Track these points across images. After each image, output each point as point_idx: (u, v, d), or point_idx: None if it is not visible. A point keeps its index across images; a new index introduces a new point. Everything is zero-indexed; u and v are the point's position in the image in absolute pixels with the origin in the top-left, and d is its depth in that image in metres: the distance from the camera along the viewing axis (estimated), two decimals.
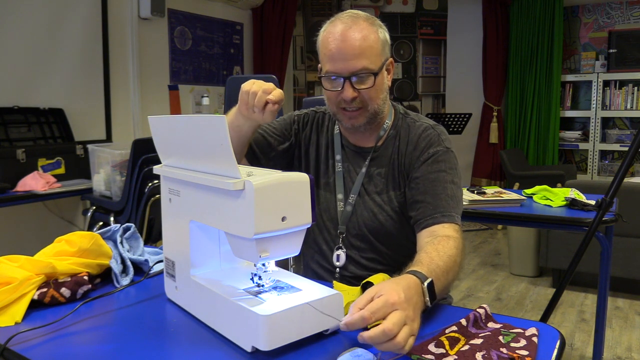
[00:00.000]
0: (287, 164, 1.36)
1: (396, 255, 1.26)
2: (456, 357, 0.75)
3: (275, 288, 0.88)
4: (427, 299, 0.87)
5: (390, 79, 1.25)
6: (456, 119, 4.35)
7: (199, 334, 0.86)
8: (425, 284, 0.87)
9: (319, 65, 1.24)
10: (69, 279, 1.02)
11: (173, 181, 0.96)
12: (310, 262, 1.35)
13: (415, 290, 0.84)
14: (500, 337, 0.81)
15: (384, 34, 1.20)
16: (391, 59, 1.23)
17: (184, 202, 0.93)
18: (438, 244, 1.04)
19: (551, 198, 2.12)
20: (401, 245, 1.26)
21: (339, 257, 1.27)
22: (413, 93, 5.10)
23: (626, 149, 4.02)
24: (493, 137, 5.25)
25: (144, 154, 2.67)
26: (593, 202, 1.90)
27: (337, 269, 1.27)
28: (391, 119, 1.29)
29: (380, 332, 0.73)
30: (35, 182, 2.66)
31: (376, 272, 1.25)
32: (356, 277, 1.26)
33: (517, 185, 3.88)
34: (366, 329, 0.75)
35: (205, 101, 4.37)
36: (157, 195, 2.68)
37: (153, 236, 2.87)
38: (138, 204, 2.72)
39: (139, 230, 2.12)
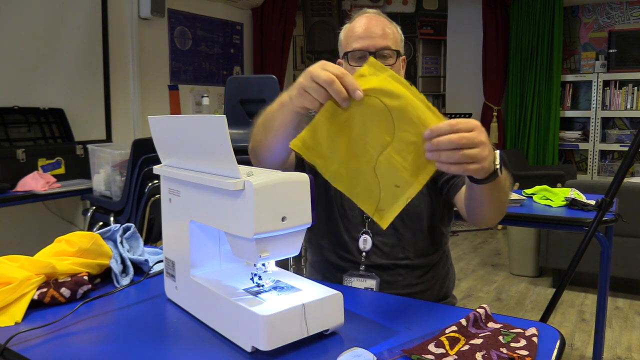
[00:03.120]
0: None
1: (418, 241, 1.28)
2: (456, 357, 0.75)
3: (275, 288, 0.88)
4: (498, 162, 0.93)
5: (403, 75, 1.31)
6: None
7: (199, 334, 0.86)
8: (497, 152, 0.95)
9: (339, 60, 1.32)
10: (69, 279, 1.02)
11: (173, 181, 0.96)
12: (329, 255, 1.34)
13: None
14: (500, 337, 0.81)
15: (400, 32, 1.33)
16: (404, 57, 1.33)
17: (184, 202, 0.93)
18: None
19: (551, 198, 2.12)
20: (423, 230, 1.28)
21: (366, 240, 1.28)
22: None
23: (626, 149, 4.02)
24: (493, 137, 5.26)
25: (144, 154, 2.67)
26: (593, 202, 1.90)
27: (363, 254, 1.28)
28: None
29: (446, 123, 0.83)
30: (35, 182, 2.66)
31: (397, 260, 1.28)
32: (377, 266, 1.27)
33: (517, 185, 3.87)
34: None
35: (205, 101, 4.38)
36: (157, 195, 2.68)
37: (153, 236, 2.87)
38: (138, 204, 2.72)
39: (139, 230, 2.12)
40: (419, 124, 0.85)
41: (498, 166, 0.94)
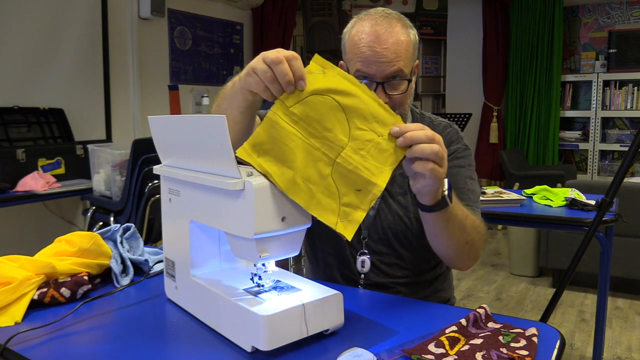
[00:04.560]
0: None
1: (417, 259, 1.24)
2: (456, 357, 0.75)
3: (275, 288, 0.88)
4: (446, 187, 0.94)
5: (415, 81, 1.19)
6: (456, 119, 4.35)
7: (199, 334, 0.86)
8: (446, 180, 0.94)
9: (341, 62, 1.17)
10: (69, 279, 1.02)
11: (173, 181, 0.96)
12: (335, 273, 1.28)
13: None
14: (500, 337, 0.81)
15: (414, 35, 1.15)
16: (417, 61, 1.19)
17: (184, 202, 0.93)
18: None
19: (551, 198, 2.12)
20: (423, 248, 1.22)
21: (364, 262, 1.22)
22: (413, 93, 5.11)
23: (626, 149, 4.02)
24: (493, 137, 5.25)
25: (144, 154, 2.67)
26: (593, 202, 1.90)
27: (362, 275, 1.23)
28: (410, 120, 1.27)
29: (415, 124, 0.86)
30: (35, 182, 2.66)
31: (396, 278, 1.23)
32: (376, 284, 1.22)
33: (517, 185, 3.88)
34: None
35: (205, 101, 4.38)
36: (157, 195, 2.68)
37: (153, 236, 2.87)
38: (138, 204, 2.72)
39: (139, 230, 2.12)
40: (373, 121, 0.85)
41: (446, 192, 0.94)
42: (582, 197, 2.04)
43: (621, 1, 4.94)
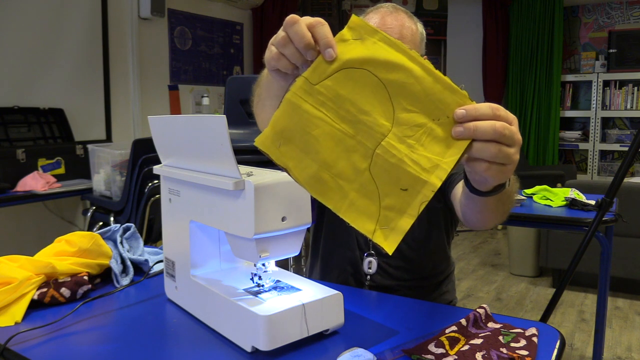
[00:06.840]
0: None
1: (424, 263, 1.23)
2: (456, 357, 0.75)
3: (275, 288, 0.88)
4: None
5: None
6: None
7: (199, 334, 0.86)
8: None
9: None
10: (69, 279, 1.02)
11: (173, 181, 0.96)
12: (341, 274, 1.27)
13: None
14: (500, 337, 0.81)
15: (422, 29, 1.16)
16: (426, 57, 1.19)
17: (184, 202, 0.93)
18: None
19: (551, 198, 2.12)
20: (429, 250, 1.23)
21: (370, 263, 1.21)
22: None
23: (626, 149, 4.02)
24: None
25: (144, 154, 2.67)
26: (593, 202, 1.90)
27: (368, 277, 1.22)
28: None
29: (487, 105, 0.63)
30: (35, 182, 2.66)
31: (402, 281, 1.23)
32: (382, 286, 1.22)
33: None
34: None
35: (205, 101, 4.38)
36: (157, 195, 2.68)
37: (153, 236, 2.87)
38: (138, 204, 2.72)
39: (139, 230, 2.12)
40: (426, 100, 0.65)
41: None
42: (582, 197, 2.04)
43: (621, 1, 4.94)
